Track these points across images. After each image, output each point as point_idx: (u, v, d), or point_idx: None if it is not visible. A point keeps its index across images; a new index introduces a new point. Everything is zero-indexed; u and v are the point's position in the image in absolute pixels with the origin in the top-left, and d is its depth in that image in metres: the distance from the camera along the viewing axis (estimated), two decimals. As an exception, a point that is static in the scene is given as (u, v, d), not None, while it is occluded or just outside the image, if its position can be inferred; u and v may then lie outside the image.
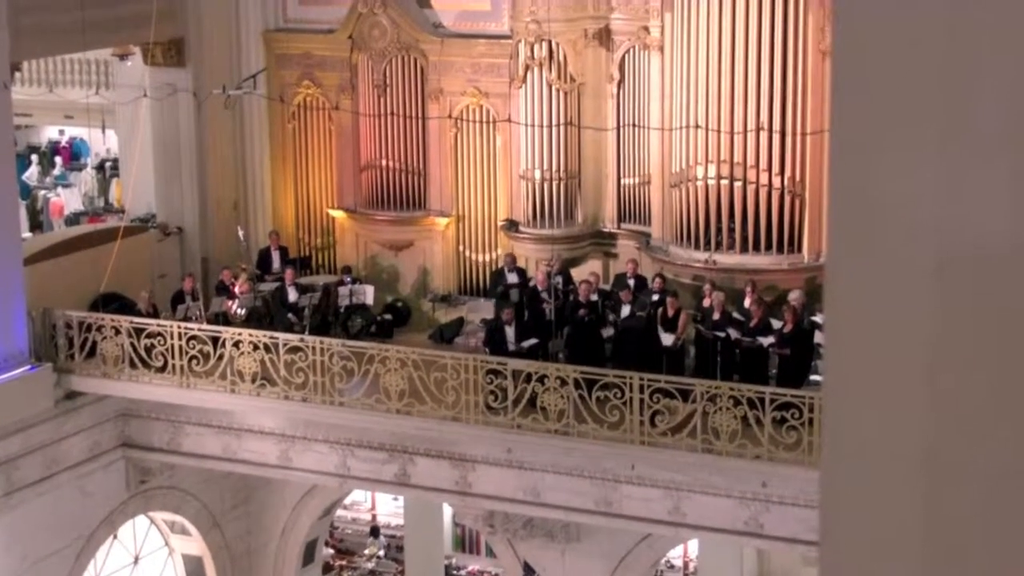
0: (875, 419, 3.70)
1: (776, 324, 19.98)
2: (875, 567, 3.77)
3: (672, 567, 26.70)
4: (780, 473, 18.45)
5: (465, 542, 28.63)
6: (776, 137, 21.52)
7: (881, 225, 3.61)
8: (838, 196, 3.72)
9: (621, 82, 23.30)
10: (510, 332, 20.69)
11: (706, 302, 20.85)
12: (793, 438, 18.15)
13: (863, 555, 3.77)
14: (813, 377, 19.35)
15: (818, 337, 19.51)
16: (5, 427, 20.62)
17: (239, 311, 22.37)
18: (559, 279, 22.24)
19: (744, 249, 21.88)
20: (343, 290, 23.24)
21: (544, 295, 21.71)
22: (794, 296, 20.59)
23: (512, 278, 22.68)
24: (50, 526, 21.54)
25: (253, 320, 22.19)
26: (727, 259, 21.91)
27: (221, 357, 20.93)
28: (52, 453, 21.39)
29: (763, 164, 21.59)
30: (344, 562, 28.91)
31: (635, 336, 20.43)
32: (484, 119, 24.33)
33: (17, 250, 21.56)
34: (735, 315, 20.46)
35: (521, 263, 23.27)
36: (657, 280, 21.80)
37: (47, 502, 21.43)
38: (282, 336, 20.90)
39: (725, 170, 21.71)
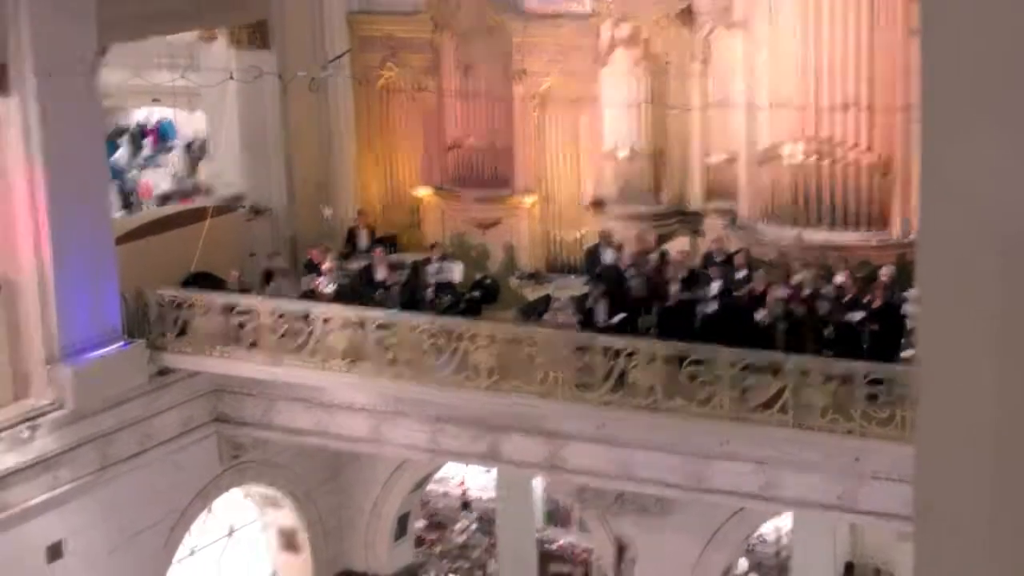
0: (970, 393, 3.74)
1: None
2: (971, 541, 3.80)
3: (764, 541, 26.65)
4: (873, 448, 18.37)
5: (557, 516, 28.68)
6: (864, 114, 21.42)
7: (972, 201, 3.65)
8: (928, 172, 3.77)
9: (705, 60, 23.24)
10: (600, 308, 20.72)
11: (794, 279, 20.79)
12: (886, 413, 18.05)
13: (958, 529, 3.81)
14: (904, 352, 19.24)
15: (908, 308, 19.41)
16: (100, 402, 20.91)
17: (327, 289, 22.51)
18: (655, 255, 22.24)
19: (832, 226, 21.80)
20: (431, 267, 23.32)
21: (631, 272, 21.73)
22: (885, 272, 20.51)
23: (607, 254, 22.69)
24: (145, 500, 21.84)
25: (341, 298, 22.33)
26: (815, 236, 21.84)
27: (311, 334, 21.08)
28: (146, 428, 21.68)
29: (851, 141, 21.51)
30: (436, 536, 29.03)
31: (736, 314, 20.36)
32: (569, 98, 24.34)
33: (109, 230, 21.80)
34: (824, 291, 20.38)
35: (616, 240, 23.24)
36: (741, 256, 21.76)
37: (141, 476, 21.72)
38: (371, 313, 21.01)
39: (812, 147, 21.64)
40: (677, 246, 23.12)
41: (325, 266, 22.77)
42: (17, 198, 20.47)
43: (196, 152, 31.87)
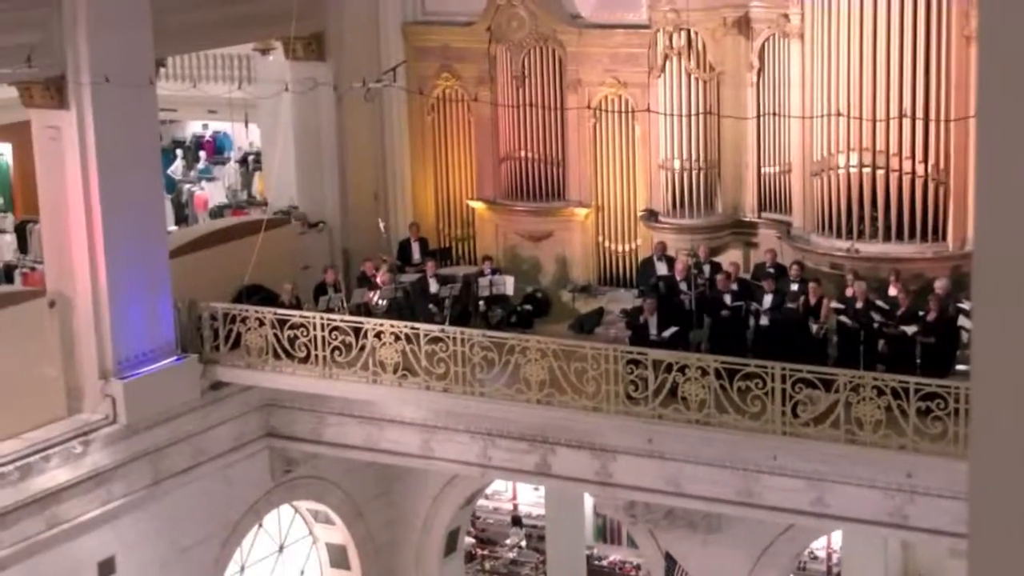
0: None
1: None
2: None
3: (815, 558, 26.49)
4: (925, 464, 18.19)
5: (606, 532, 28.62)
6: (919, 124, 21.24)
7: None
8: (985, 184, 3.68)
9: (761, 70, 23.14)
10: (652, 322, 20.63)
11: (848, 291, 20.64)
12: (938, 428, 17.87)
13: (1013, 547, 3.72)
14: (958, 367, 19.06)
15: (963, 321, 19.22)
16: (152, 417, 20.95)
17: (380, 302, 22.50)
18: (707, 267, 22.12)
19: (887, 238, 21.64)
20: (483, 281, 23.31)
21: (683, 285, 21.63)
22: (939, 284, 20.32)
23: (661, 267, 22.57)
24: (197, 515, 21.88)
25: (394, 311, 22.30)
26: (869, 248, 21.69)
27: (363, 348, 21.05)
28: (198, 443, 21.70)
29: (906, 151, 21.34)
30: (486, 552, 29.04)
31: (789, 327, 20.20)
32: (623, 109, 24.28)
33: (163, 243, 21.88)
34: (878, 303, 20.21)
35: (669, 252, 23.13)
36: (795, 267, 21.63)
37: (194, 491, 21.75)
38: (423, 327, 20.94)
39: (867, 158, 21.49)
40: (730, 258, 22.99)
41: (379, 279, 22.76)
42: (72, 211, 20.55)
43: (251, 164, 32.00)
